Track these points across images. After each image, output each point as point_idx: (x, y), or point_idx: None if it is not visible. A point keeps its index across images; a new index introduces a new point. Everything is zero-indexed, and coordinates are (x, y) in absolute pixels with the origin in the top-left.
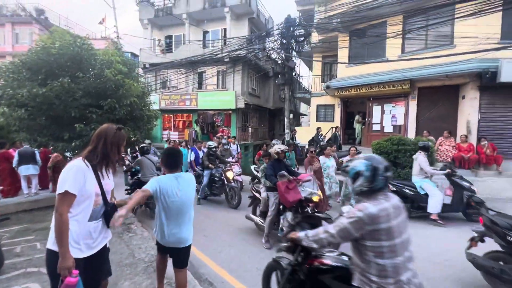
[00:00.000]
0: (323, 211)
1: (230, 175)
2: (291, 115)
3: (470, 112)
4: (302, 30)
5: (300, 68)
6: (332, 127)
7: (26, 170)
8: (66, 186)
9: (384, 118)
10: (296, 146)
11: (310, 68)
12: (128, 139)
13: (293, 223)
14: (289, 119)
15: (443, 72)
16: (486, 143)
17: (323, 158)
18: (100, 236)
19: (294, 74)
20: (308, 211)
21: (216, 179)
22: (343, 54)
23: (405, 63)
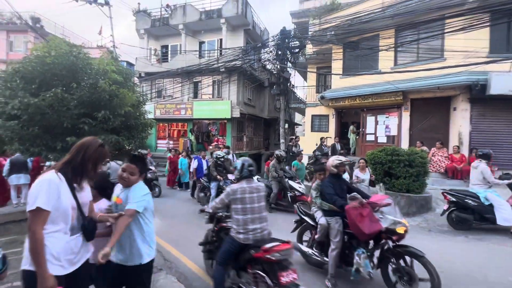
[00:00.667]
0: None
1: None
2: (286, 125)
3: (461, 124)
4: (297, 42)
5: (295, 78)
6: (327, 137)
7: (17, 180)
8: (38, 202)
9: (377, 128)
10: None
11: (305, 78)
12: (123, 148)
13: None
14: (284, 128)
15: (435, 84)
16: None
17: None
18: (82, 250)
19: (289, 84)
20: (389, 245)
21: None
22: (337, 66)
23: (397, 75)
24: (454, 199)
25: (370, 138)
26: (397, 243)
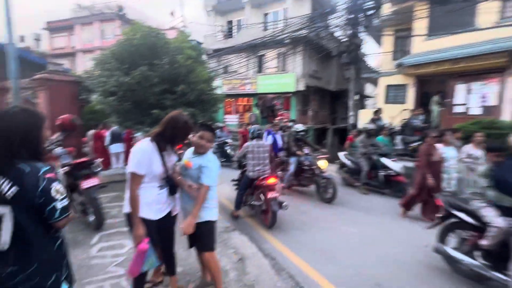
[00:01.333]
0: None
1: (323, 164)
2: (357, 96)
3: None
4: (372, 1)
5: (366, 47)
6: (404, 110)
7: (116, 148)
8: (133, 167)
9: (470, 98)
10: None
11: (379, 44)
12: (195, 121)
13: None
14: (354, 100)
15: None
16: None
17: (441, 146)
18: (167, 201)
19: (360, 52)
20: None
21: (305, 168)
22: (420, 26)
23: (502, 32)
24: None
25: (459, 109)
26: None
